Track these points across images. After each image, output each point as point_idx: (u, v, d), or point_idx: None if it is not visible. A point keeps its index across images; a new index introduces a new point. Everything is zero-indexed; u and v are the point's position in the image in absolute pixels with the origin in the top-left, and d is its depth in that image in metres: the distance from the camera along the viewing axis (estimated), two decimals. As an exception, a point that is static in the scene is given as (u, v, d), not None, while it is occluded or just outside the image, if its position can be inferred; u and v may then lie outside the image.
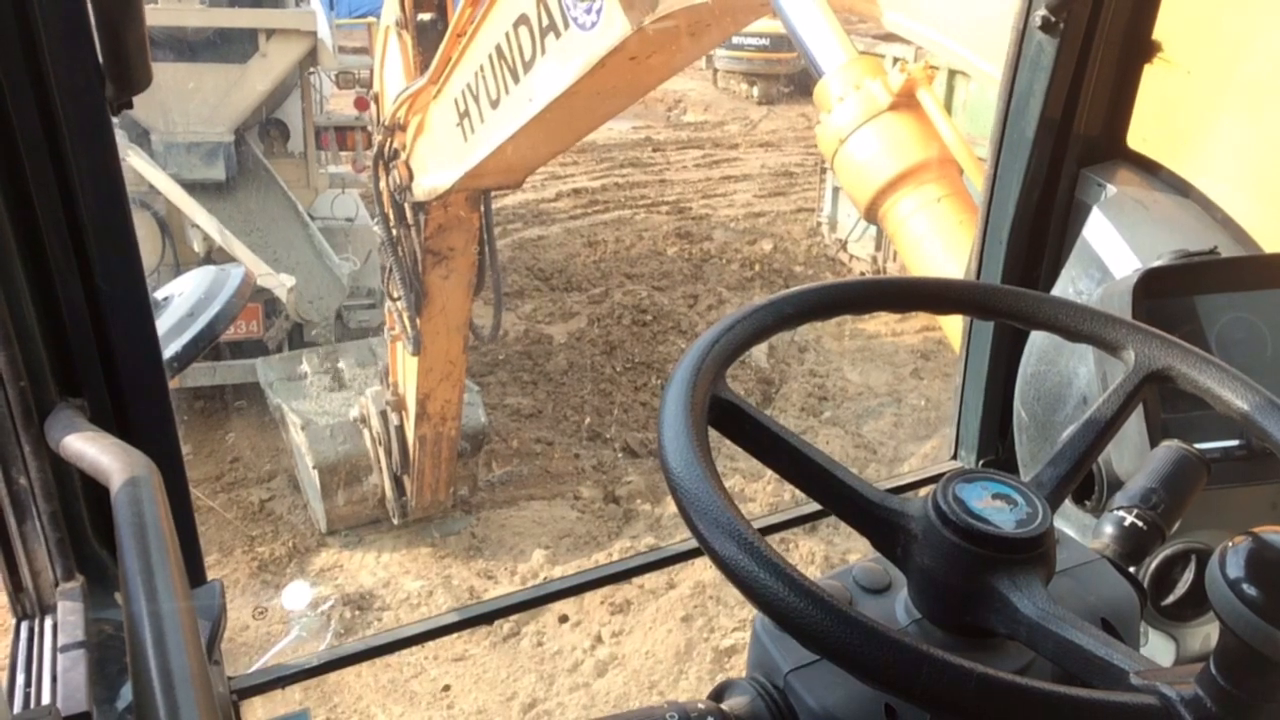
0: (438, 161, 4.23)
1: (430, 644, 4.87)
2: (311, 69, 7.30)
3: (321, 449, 5.91)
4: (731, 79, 18.09)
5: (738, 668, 5.02)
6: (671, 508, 6.15)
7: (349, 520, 6.26)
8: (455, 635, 4.69)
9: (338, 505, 6.12)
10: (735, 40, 16.62)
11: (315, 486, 6.04)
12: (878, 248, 9.41)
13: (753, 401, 7.49)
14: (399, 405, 5.64)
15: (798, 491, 0.86)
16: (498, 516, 6.44)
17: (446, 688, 5.07)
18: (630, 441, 7.13)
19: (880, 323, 8.90)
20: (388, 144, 4.47)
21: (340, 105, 8.31)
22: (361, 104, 7.75)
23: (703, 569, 5.36)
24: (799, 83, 17.74)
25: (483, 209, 4.59)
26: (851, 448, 7.05)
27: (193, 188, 6.46)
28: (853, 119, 2.68)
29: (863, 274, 9.73)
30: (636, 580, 5.36)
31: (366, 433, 5.89)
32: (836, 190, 9.79)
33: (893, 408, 7.62)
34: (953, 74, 8.36)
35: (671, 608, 5.35)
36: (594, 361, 8.08)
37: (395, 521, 6.16)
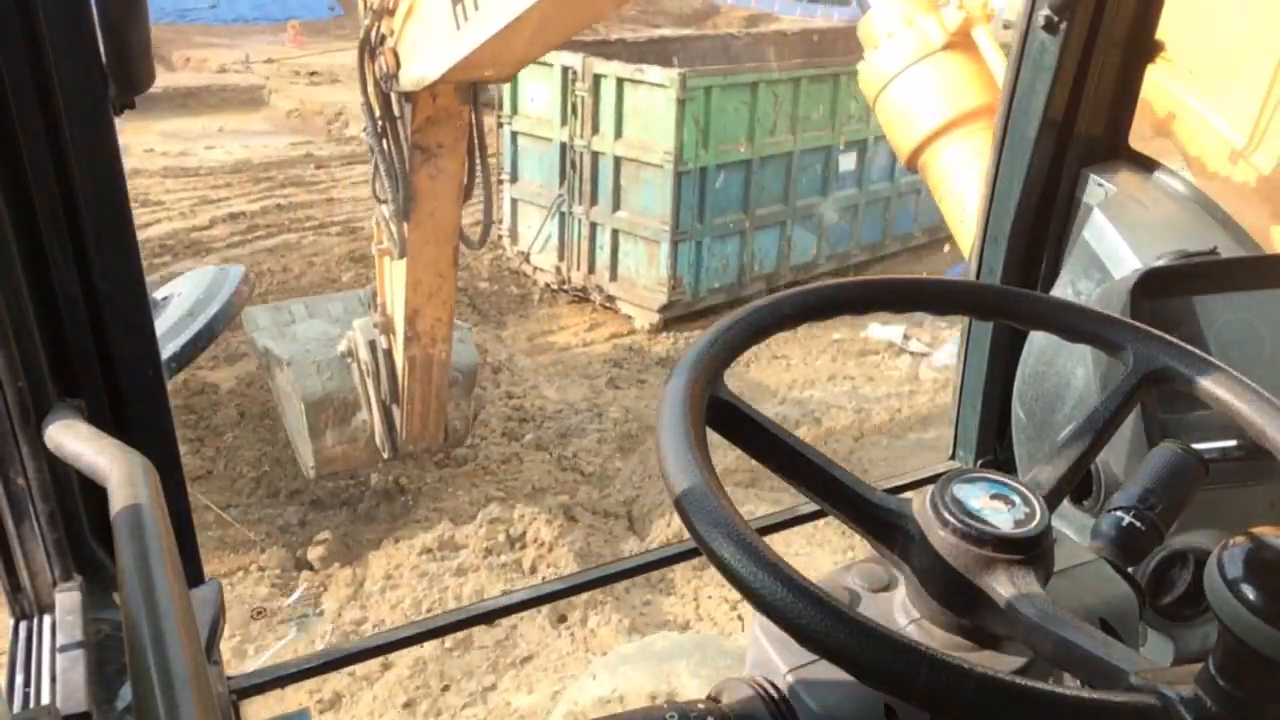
0: (427, 48, 3.97)
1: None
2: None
3: (309, 384, 5.65)
4: (399, 88, 17.01)
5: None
6: (378, 570, 5.37)
7: (338, 463, 5.95)
8: None
9: (326, 445, 5.83)
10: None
11: (303, 426, 5.73)
12: (560, 258, 9.01)
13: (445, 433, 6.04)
14: (387, 327, 5.37)
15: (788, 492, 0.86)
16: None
17: None
18: (320, 492, 6.22)
19: (570, 334, 8.49)
20: (375, 28, 4.17)
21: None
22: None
23: (419, 647, 4.61)
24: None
25: (473, 105, 4.34)
26: (559, 471, 6.42)
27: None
28: (902, 58, 2.45)
29: (548, 285, 9.19)
30: (346, 669, 4.09)
31: (355, 367, 5.61)
32: (515, 202, 9.34)
33: (595, 423, 7.02)
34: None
35: (390, 694, 4.60)
36: (268, 408, 6.85)
37: (386, 456, 5.87)
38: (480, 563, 5.38)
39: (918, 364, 8.24)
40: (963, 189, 2.46)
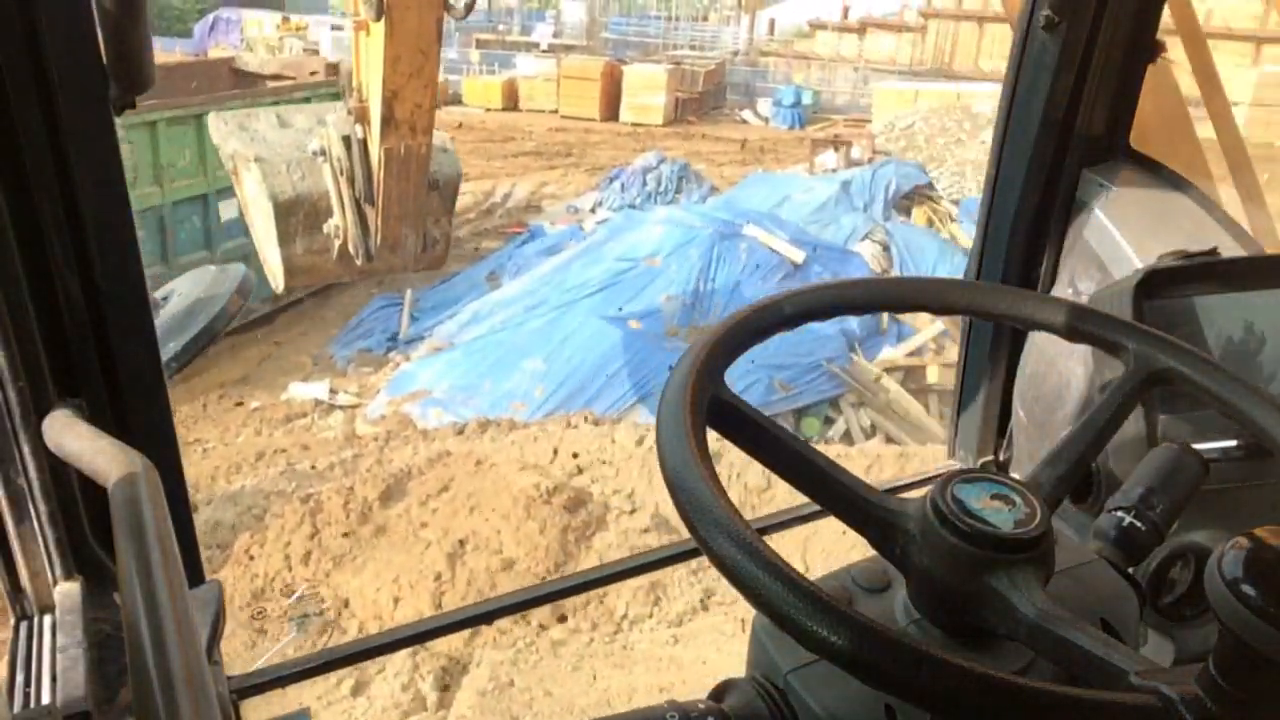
0: None
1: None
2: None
3: (278, 183, 5.26)
4: None
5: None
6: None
7: (308, 274, 5.60)
8: None
9: (296, 253, 5.42)
10: None
11: (271, 230, 5.35)
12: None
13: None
14: (362, 115, 4.93)
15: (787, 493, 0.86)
16: None
17: None
18: None
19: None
20: None
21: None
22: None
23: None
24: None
25: None
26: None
27: None
28: None
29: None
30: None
31: (327, 167, 5.22)
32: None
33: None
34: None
35: None
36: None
37: (359, 263, 5.45)
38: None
39: (352, 419, 7.22)
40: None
